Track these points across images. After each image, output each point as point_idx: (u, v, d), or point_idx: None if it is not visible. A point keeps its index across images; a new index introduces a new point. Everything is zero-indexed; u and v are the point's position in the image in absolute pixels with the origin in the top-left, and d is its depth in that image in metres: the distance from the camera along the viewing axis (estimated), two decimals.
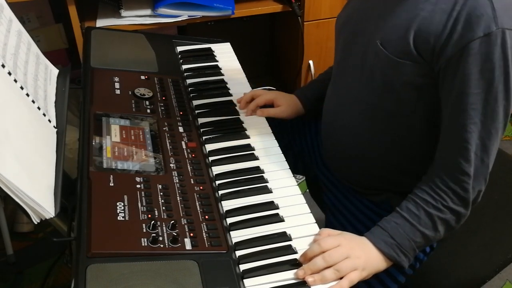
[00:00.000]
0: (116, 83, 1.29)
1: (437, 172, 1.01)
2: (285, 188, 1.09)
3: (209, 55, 1.53)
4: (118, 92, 1.27)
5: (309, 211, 1.03)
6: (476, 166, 0.98)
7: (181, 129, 1.20)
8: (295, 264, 0.92)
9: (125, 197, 0.97)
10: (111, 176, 1.01)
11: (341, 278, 0.92)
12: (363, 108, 1.12)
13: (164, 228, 0.93)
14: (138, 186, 1.00)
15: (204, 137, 1.20)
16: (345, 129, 1.18)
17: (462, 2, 0.94)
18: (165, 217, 0.95)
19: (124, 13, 1.89)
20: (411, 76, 1.02)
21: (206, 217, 0.98)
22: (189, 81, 1.40)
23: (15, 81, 1.03)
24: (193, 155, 1.12)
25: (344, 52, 1.18)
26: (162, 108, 1.25)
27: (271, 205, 1.04)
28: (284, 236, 0.97)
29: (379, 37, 1.05)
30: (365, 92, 1.11)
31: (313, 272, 0.91)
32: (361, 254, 0.96)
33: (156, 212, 0.96)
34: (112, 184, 0.99)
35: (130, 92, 1.27)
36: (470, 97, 0.95)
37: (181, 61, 1.48)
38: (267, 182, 1.09)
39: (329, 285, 0.91)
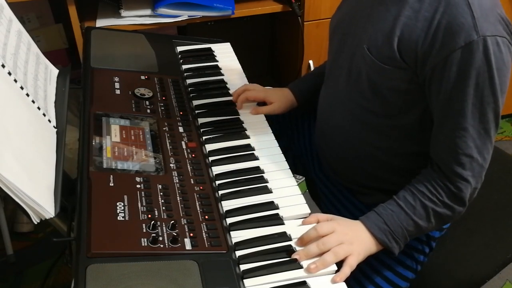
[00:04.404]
0: (116, 83, 1.29)
1: (434, 168, 1.03)
2: (285, 188, 1.08)
3: (209, 55, 1.53)
4: (118, 92, 1.27)
5: (309, 211, 1.03)
6: (470, 167, 0.99)
7: (181, 129, 1.20)
8: (295, 264, 0.92)
9: (125, 197, 0.97)
10: (111, 176, 1.01)
11: (339, 266, 0.94)
12: (353, 109, 1.14)
13: (164, 228, 0.93)
14: (138, 186, 1.00)
15: (204, 137, 1.20)
16: (337, 128, 1.19)
17: (442, 10, 0.95)
18: (165, 217, 0.95)
19: (124, 13, 1.89)
20: (397, 82, 1.03)
21: (206, 217, 0.98)
22: (189, 81, 1.40)
23: (15, 81, 1.03)
24: (193, 155, 1.12)
25: (335, 54, 1.20)
26: (162, 108, 1.25)
27: (271, 205, 1.04)
28: (284, 236, 0.97)
29: (366, 41, 1.06)
30: (354, 93, 1.12)
31: (307, 257, 0.93)
32: (354, 239, 0.98)
33: (156, 212, 0.96)
34: (112, 184, 0.99)
35: (130, 92, 1.27)
36: (457, 103, 0.96)
37: (181, 61, 1.48)
38: (267, 182, 1.09)
39: (329, 270, 0.93)
